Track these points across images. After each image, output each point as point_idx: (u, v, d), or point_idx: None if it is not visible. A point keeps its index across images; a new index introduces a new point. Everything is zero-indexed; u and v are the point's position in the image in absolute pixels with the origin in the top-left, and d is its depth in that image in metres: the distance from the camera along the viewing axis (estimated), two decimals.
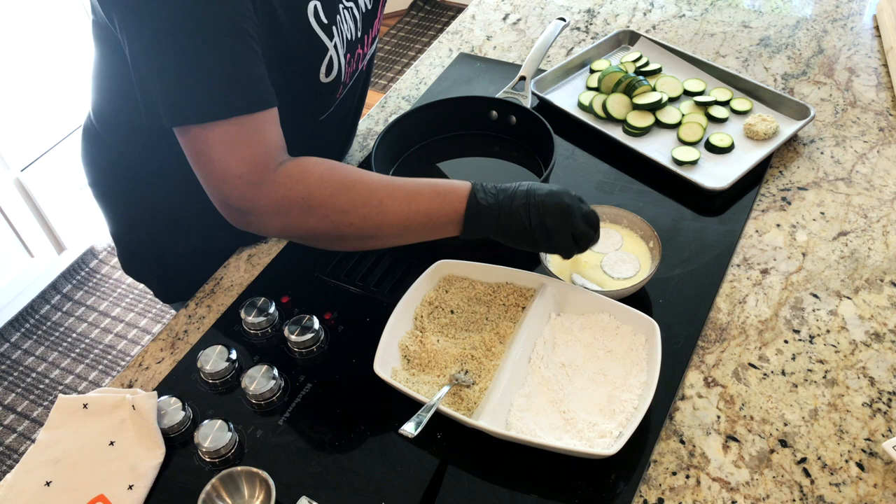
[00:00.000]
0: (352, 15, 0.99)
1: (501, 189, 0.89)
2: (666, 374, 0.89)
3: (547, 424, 0.86)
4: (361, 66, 1.07)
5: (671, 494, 0.82)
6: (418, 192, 0.88)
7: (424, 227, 0.89)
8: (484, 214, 0.87)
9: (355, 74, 1.06)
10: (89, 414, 0.92)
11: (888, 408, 0.88)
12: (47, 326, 2.42)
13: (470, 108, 1.23)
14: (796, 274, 1.03)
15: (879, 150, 1.20)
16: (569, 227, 0.88)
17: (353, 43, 1.00)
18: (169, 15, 0.77)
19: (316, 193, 0.85)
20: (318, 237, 0.89)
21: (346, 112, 1.13)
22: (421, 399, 0.85)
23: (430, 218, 0.88)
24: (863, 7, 1.53)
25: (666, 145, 1.22)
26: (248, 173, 0.83)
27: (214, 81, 0.80)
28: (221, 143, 0.82)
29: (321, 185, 0.85)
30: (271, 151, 0.84)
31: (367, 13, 1.03)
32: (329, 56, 0.95)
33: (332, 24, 0.94)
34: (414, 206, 0.87)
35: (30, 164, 2.27)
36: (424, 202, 0.87)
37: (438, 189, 0.88)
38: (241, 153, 0.82)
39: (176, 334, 1.04)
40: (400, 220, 0.88)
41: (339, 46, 0.96)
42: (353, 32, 0.99)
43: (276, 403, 0.93)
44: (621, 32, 1.43)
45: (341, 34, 0.96)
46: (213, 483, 0.81)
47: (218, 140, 0.82)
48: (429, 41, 3.48)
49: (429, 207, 0.87)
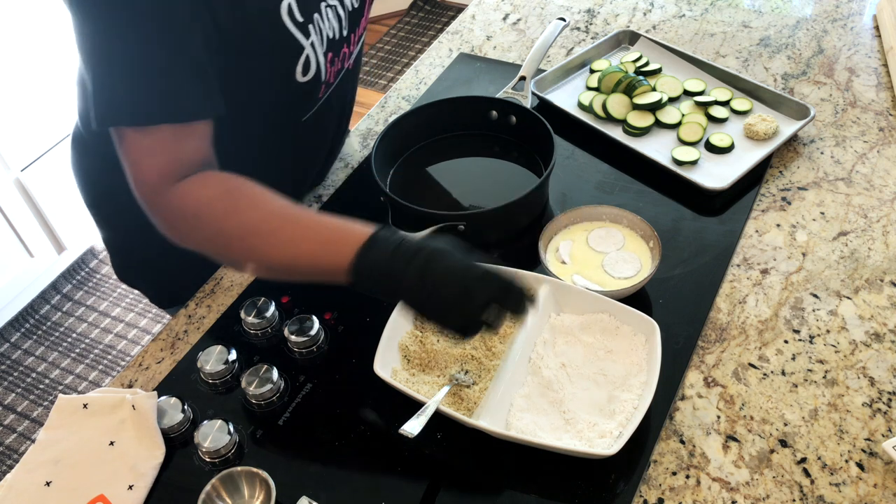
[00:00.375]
0: (335, 14, 0.96)
1: (405, 243, 0.77)
2: (666, 374, 0.89)
3: (547, 424, 0.86)
4: (347, 64, 1.06)
5: (671, 494, 0.82)
6: (305, 236, 0.81)
7: (311, 271, 0.82)
8: (370, 277, 0.77)
9: (341, 74, 1.04)
10: (89, 414, 0.92)
11: (888, 408, 0.88)
12: (47, 326, 2.42)
13: (470, 108, 1.23)
14: (796, 274, 1.03)
15: (879, 150, 1.20)
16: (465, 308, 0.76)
17: (336, 42, 0.98)
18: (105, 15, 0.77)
19: (205, 212, 0.83)
20: (210, 256, 0.87)
21: (332, 112, 1.11)
22: (421, 399, 0.85)
23: (316, 265, 0.81)
24: (863, 7, 1.53)
25: (666, 145, 1.22)
26: (152, 181, 0.83)
27: (138, 87, 0.80)
28: (137, 146, 0.82)
29: (211, 204, 0.83)
30: (182, 164, 0.83)
31: (354, 11, 1.01)
32: (305, 55, 0.93)
33: (309, 22, 0.92)
34: (300, 248, 0.81)
35: (30, 164, 2.27)
36: (312, 247, 0.81)
37: (328, 236, 0.81)
38: (152, 161, 0.82)
39: (176, 334, 1.04)
40: (285, 259, 0.82)
41: (316, 45, 0.94)
42: (336, 31, 0.97)
43: (276, 403, 0.93)
44: (621, 32, 1.43)
45: (321, 32, 0.94)
46: (213, 483, 0.81)
47: (135, 143, 0.82)
48: (429, 41, 3.48)
49: (315, 253, 0.81)
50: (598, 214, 1.06)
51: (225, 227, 0.83)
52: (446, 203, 1.16)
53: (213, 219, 0.83)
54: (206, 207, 0.83)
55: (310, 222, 0.83)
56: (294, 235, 0.82)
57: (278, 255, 0.82)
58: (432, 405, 0.83)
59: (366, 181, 1.24)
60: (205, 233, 0.84)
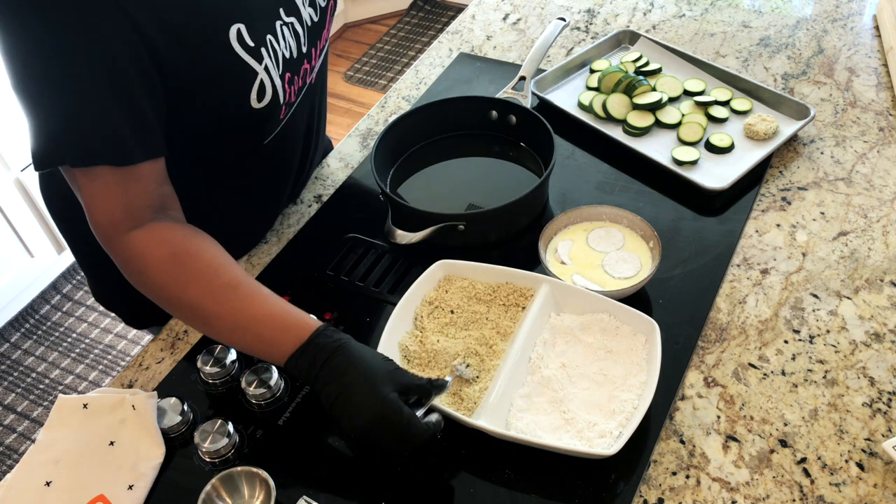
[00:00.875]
0: (293, 31, 0.92)
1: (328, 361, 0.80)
2: (666, 374, 0.89)
3: (547, 424, 0.86)
4: (309, 80, 1.01)
5: (671, 494, 0.82)
6: (246, 328, 0.83)
7: (249, 353, 0.87)
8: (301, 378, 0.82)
9: (303, 91, 0.99)
10: (89, 414, 0.92)
11: (888, 408, 0.88)
12: (47, 326, 2.42)
13: (470, 108, 1.23)
14: (796, 274, 1.03)
15: (879, 150, 1.20)
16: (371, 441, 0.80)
17: (294, 60, 0.93)
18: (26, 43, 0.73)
19: (149, 275, 0.83)
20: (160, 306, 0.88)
21: (297, 129, 1.07)
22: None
23: (255, 354, 0.86)
24: (863, 7, 1.53)
25: (666, 145, 1.22)
26: (103, 226, 0.82)
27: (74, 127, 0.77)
28: (86, 188, 0.81)
29: (157, 270, 0.83)
30: (130, 211, 0.82)
31: (314, 26, 0.96)
32: (259, 80, 0.87)
33: (261, 45, 0.86)
34: (237, 337, 0.84)
35: (30, 164, 2.26)
36: (250, 340, 0.84)
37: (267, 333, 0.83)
38: (100, 205, 0.81)
39: (176, 334, 1.04)
40: (224, 340, 0.88)
41: (271, 69, 0.89)
42: (293, 49, 0.92)
43: (276, 403, 0.93)
44: (621, 32, 1.43)
45: (274, 54, 0.89)
46: (213, 483, 0.81)
47: (83, 184, 0.81)
48: (429, 41, 3.48)
49: (252, 346, 0.84)
50: (597, 214, 1.06)
51: (169, 295, 0.84)
52: (446, 203, 1.16)
53: (158, 284, 0.84)
54: (153, 269, 0.83)
55: (251, 312, 0.83)
56: (234, 325, 0.83)
57: (218, 335, 0.86)
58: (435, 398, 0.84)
59: (366, 181, 1.24)
60: (150, 290, 0.85)
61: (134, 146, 0.79)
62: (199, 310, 0.83)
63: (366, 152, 1.30)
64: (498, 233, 1.10)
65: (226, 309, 0.83)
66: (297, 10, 0.92)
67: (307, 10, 0.95)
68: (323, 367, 0.80)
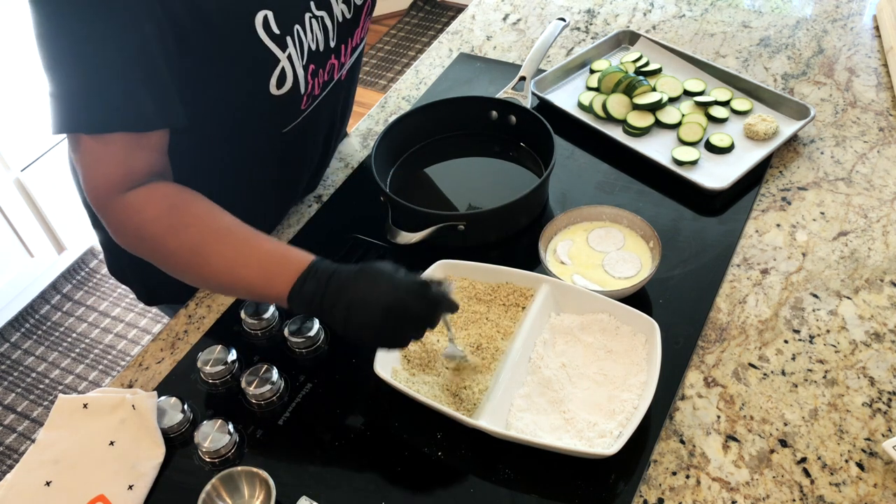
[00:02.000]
0: (321, 25, 0.93)
1: (334, 277, 0.80)
2: (666, 374, 0.89)
3: (547, 424, 0.86)
4: (338, 76, 1.02)
5: (671, 494, 0.82)
6: (246, 262, 0.83)
7: (249, 295, 0.88)
8: (306, 306, 0.82)
9: (330, 85, 1.01)
10: (89, 414, 0.92)
11: (888, 408, 0.88)
12: (47, 326, 2.42)
13: (470, 108, 1.23)
14: (796, 274, 1.03)
15: (879, 150, 1.20)
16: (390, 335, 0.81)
17: (319, 54, 0.95)
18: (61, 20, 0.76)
19: (148, 228, 0.84)
20: (156, 265, 0.88)
21: (320, 123, 1.08)
22: (421, 399, 0.85)
23: (254, 290, 0.85)
24: (863, 7, 1.53)
25: (666, 145, 1.22)
26: (99, 190, 0.83)
27: (94, 94, 0.79)
28: (87, 153, 0.82)
29: (155, 221, 0.83)
30: (130, 175, 0.83)
31: (345, 22, 0.98)
32: (281, 67, 0.90)
33: (287, 34, 0.89)
34: (238, 273, 0.84)
35: (30, 164, 2.27)
36: (250, 274, 0.83)
37: (266, 265, 0.83)
38: (101, 169, 0.82)
39: (176, 334, 1.04)
40: (224, 281, 0.85)
41: (294, 58, 0.91)
42: (320, 43, 0.94)
43: (276, 403, 0.93)
44: (621, 32, 1.43)
45: (300, 45, 0.91)
46: (213, 483, 0.81)
47: (85, 149, 0.82)
48: (429, 41, 3.48)
49: (253, 280, 0.84)
50: (597, 214, 1.07)
51: (168, 244, 0.84)
52: (446, 203, 1.16)
53: (156, 236, 0.84)
54: (150, 224, 0.83)
55: (251, 248, 0.84)
56: (234, 260, 0.83)
57: (217, 277, 0.85)
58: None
59: (366, 181, 1.24)
60: (146, 247, 0.85)
61: (153, 114, 0.81)
62: (198, 250, 0.83)
63: (366, 152, 1.30)
64: (498, 233, 1.10)
65: (226, 245, 0.84)
66: (329, 5, 0.94)
67: (340, 6, 0.96)
68: (330, 281, 0.80)
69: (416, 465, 0.86)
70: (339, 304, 0.79)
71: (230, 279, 0.84)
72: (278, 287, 0.82)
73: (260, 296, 0.86)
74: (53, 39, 0.78)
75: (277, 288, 0.82)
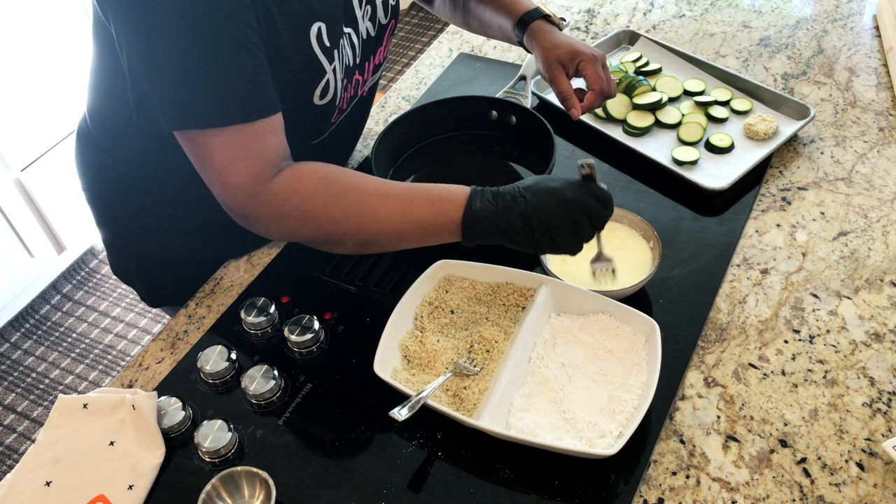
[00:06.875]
0: (349, 41, 0.97)
1: (501, 193, 0.86)
2: (666, 374, 0.89)
3: (547, 424, 0.86)
4: (361, 92, 1.06)
5: (671, 494, 0.82)
6: (412, 201, 0.86)
7: (420, 235, 0.88)
8: (481, 225, 0.85)
9: (353, 101, 1.05)
10: (89, 414, 0.92)
11: (888, 408, 0.88)
12: (47, 326, 2.42)
13: (470, 108, 1.23)
14: (796, 274, 1.03)
15: (879, 150, 1.20)
16: (573, 229, 0.85)
17: (349, 69, 0.99)
18: (168, 21, 0.76)
19: (308, 204, 0.85)
20: (316, 243, 0.90)
21: (342, 138, 1.11)
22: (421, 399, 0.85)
23: (425, 227, 0.87)
24: (863, 7, 1.53)
25: (666, 145, 1.22)
26: (246, 183, 0.83)
27: (211, 89, 0.79)
28: (220, 151, 0.82)
29: (314, 196, 0.85)
30: (270, 161, 0.84)
31: (369, 40, 1.02)
32: (326, 79, 0.93)
33: (335, 47, 0.93)
34: (407, 215, 0.86)
35: (30, 164, 2.27)
36: (419, 211, 0.86)
37: (434, 198, 0.87)
38: (240, 164, 0.83)
39: (176, 334, 1.04)
40: (394, 229, 0.87)
41: (338, 71, 0.95)
42: (350, 58, 0.98)
43: (276, 403, 0.93)
44: (621, 32, 1.43)
45: (341, 59, 0.95)
46: (213, 483, 0.81)
47: (217, 148, 0.82)
48: (429, 41, 3.48)
49: (423, 217, 0.86)
50: None
51: (333, 214, 0.86)
52: None
53: (318, 208, 0.86)
54: (310, 200, 0.85)
55: (406, 192, 0.87)
56: (400, 207, 0.86)
57: (388, 227, 0.87)
58: (428, 391, 0.84)
59: None
60: (308, 226, 0.87)
61: (270, 97, 0.83)
62: (363, 210, 0.86)
63: (366, 152, 1.30)
64: None
65: (388, 196, 0.87)
66: (356, 22, 0.97)
67: (365, 24, 1.00)
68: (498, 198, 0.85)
69: (416, 465, 0.86)
70: (513, 212, 0.84)
71: (399, 224, 0.87)
72: (450, 213, 0.85)
73: (431, 232, 0.87)
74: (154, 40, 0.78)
75: (450, 214, 0.85)
